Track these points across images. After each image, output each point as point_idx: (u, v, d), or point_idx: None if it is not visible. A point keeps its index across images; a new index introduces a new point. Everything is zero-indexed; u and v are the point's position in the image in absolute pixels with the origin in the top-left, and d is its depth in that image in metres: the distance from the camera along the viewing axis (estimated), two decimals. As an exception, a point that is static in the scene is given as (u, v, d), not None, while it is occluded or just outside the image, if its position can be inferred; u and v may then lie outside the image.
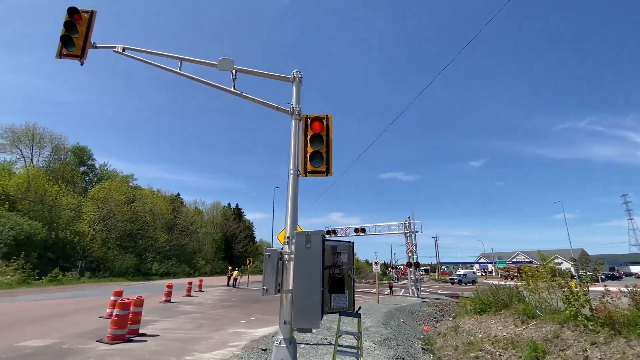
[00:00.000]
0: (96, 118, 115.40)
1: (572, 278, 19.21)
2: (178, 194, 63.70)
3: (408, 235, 30.12)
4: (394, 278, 60.94)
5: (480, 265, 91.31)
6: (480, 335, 12.04)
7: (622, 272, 71.77)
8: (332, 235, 32.69)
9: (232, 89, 6.30)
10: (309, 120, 6.20)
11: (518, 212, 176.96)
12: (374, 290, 25.41)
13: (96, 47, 6.90)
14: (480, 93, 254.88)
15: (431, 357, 11.00)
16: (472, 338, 12.02)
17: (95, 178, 48.37)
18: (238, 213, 76.41)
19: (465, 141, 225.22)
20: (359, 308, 5.60)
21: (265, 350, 7.52)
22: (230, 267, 33.60)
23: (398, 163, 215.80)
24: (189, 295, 19.79)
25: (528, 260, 73.65)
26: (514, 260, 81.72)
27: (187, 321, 11.27)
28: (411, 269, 29.50)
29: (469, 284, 50.69)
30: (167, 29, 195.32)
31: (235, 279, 29.68)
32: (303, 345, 8.12)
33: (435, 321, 19.03)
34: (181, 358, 6.78)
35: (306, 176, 6.10)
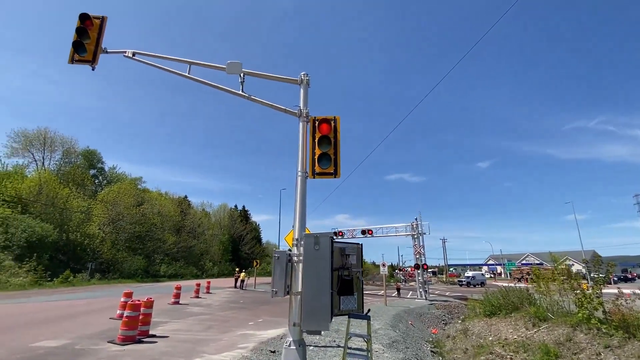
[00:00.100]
0: (105, 122, 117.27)
1: (584, 280, 18.86)
2: (185, 196, 64.38)
3: (415, 237, 29.92)
4: (402, 280, 60.53)
5: (488, 267, 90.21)
6: (490, 338, 11.88)
7: (635, 274, 70.11)
8: (339, 237, 32.63)
9: (241, 92, 6.34)
10: (317, 122, 6.21)
11: (527, 214, 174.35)
12: (382, 292, 25.28)
13: (107, 52, 7.02)
14: (486, 93, 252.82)
15: (440, 360, 10.89)
16: (482, 341, 11.87)
17: (104, 181, 49.04)
18: (245, 215, 76.77)
19: (471, 142, 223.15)
20: (369, 310, 5.59)
21: (274, 352, 7.53)
22: (237, 269, 33.73)
23: (404, 164, 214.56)
24: (197, 297, 19.91)
25: (538, 262, 72.49)
26: (524, 262, 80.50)
27: (196, 323, 11.34)
28: (419, 271, 29.29)
29: (478, 286, 50.12)
30: (167, 33, 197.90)
31: (242, 281, 29.78)
32: (312, 347, 8.11)
33: (443, 324, 18.85)
34: (191, 359, 6.83)
35: (314, 178, 6.11)
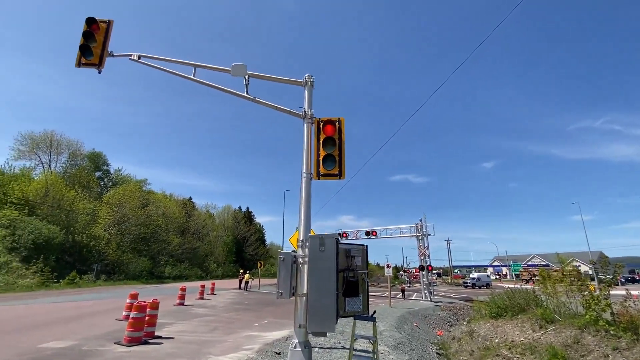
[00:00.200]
0: (110, 124, 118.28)
1: (591, 281, 18.66)
2: (190, 198, 64.60)
3: (420, 238, 29.79)
4: (406, 281, 60.30)
5: (494, 268, 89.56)
6: (496, 340, 11.78)
7: (643, 275, 69.20)
8: (343, 238, 32.59)
9: (246, 94, 6.37)
10: (322, 123, 6.22)
11: (533, 214, 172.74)
12: (386, 293, 25.18)
13: (113, 56, 7.09)
14: (489, 93, 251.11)
15: (446, 362, 10.81)
16: (489, 343, 11.77)
17: (110, 183, 49.43)
18: (249, 216, 76.92)
19: (475, 142, 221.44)
20: (374, 312, 5.57)
21: (279, 354, 7.52)
22: (241, 270, 33.82)
23: (408, 165, 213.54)
24: (202, 298, 19.98)
25: (544, 263, 71.81)
26: (530, 263, 79.83)
27: (201, 324, 11.38)
28: (424, 273, 29.14)
29: (483, 288, 49.75)
30: (169, 35, 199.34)
31: (246, 282, 29.84)
32: (317, 349, 8.10)
33: (449, 325, 18.73)
34: (196, 361, 6.84)
35: (319, 179, 6.11)
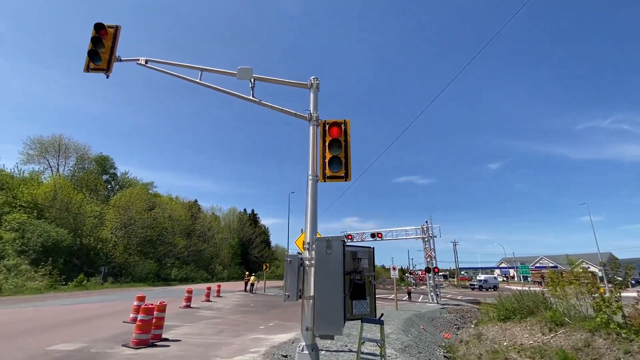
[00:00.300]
0: (116, 127, 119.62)
1: (601, 283, 18.36)
2: (196, 200, 64.92)
3: (426, 240, 29.61)
4: (412, 284, 59.92)
5: (501, 270, 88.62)
6: (505, 343, 11.64)
7: (655, 277, 67.92)
8: (348, 240, 32.51)
9: (251, 97, 6.41)
10: (327, 125, 6.22)
11: (540, 215, 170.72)
12: (392, 296, 25.04)
13: (121, 61, 7.18)
14: (495, 93, 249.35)
15: (454, 366, 10.70)
16: (497, 346, 11.63)
17: (117, 186, 49.91)
18: (254, 218, 77.12)
19: (480, 143, 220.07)
20: (382, 315, 5.53)
21: (286, 357, 7.50)
22: (247, 273, 33.88)
23: (413, 166, 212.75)
24: (208, 300, 20.04)
25: (552, 265, 70.89)
26: (538, 265, 78.89)
27: (208, 326, 11.41)
28: (430, 275, 28.94)
29: (490, 290, 49.28)
30: (171, 38, 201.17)
31: (252, 284, 29.88)
32: (323, 352, 8.06)
33: (456, 328, 18.56)
34: (203, 363, 6.85)
35: (325, 182, 6.11)
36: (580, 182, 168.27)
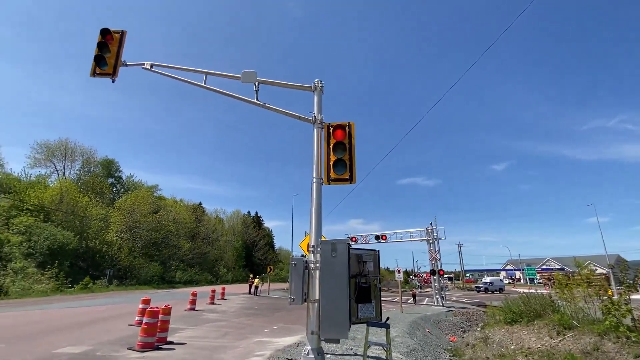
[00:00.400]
0: (123, 131, 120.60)
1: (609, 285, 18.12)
2: (200, 203, 65.23)
3: (431, 242, 29.43)
4: (417, 286, 59.54)
5: (507, 272, 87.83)
6: (512, 346, 11.50)
7: (664, 280, 66.86)
8: (352, 242, 32.39)
9: (256, 100, 6.43)
10: (331, 128, 6.22)
11: (546, 217, 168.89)
12: (397, 298, 24.89)
13: (126, 65, 7.24)
14: (499, 93, 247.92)
15: (460, 369, 10.59)
16: (504, 350, 11.50)
17: (122, 189, 50.31)
18: (257, 221, 77.28)
19: (485, 143, 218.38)
20: (387, 318, 5.49)
21: (290, 360, 7.47)
22: (251, 275, 33.88)
23: (416, 168, 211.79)
24: (213, 303, 20.07)
25: (559, 267, 70.15)
26: (544, 267, 78.06)
27: (213, 329, 11.41)
28: (435, 277, 28.74)
29: (496, 292, 48.83)
30: (172, 41, 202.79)
31: (256, 287, 29.87)
32: (329, 355, 8.02)
33: (462, 331, 18.38)
34: (209, 367, 6.84)
35: (329, 184, 6.10)
36: (586, 183, 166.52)
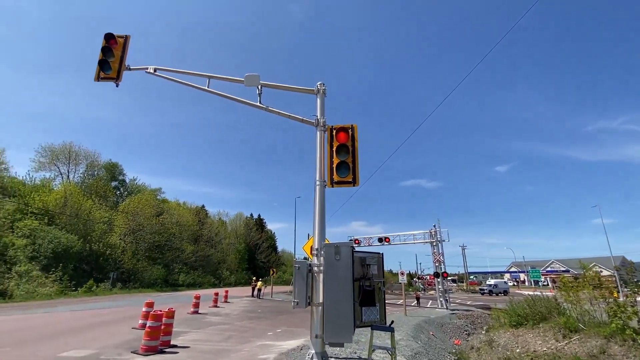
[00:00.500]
0: (127, 135, 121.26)
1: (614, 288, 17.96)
2: (203, 206, 65.35)
3: (434, 244, 29.29)
4: (421, 289, 59.24)
5: (511, 274, 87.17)
6: (517, 350, 11.39)
7: (671, 282, 66.05)
8: (355, 245, 32.31)
9: (259, 104, 6.45)
10: (334, 131, 6.22)
11: (550, 218, 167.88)
12: (400, 301, 24.76)
13: (130, 69, 7.30)
14: (502, 94, 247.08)
15: (465, 373, 10.50)
16: (509, 353, 11.39)
17: (125, 192, 50.51)
18: (260, 223, 77.25)
19: (488, 145, 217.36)
20: (392, 322, 5.46)
21: (294, 363, 7.44)
22: (254, 278, 33.87)
23: (419, 169, 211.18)
24: (216, 306, 20.05)
25: (564, 269, 69.67)
26: (549, 269, 77.47)
27: (216, 333, 11.39)
28: (439, 279, 28.57)
29: (501, 295, 48.42)
30: (173, 44, 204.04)
31: (259, 290, 29.84)
32: (332, 359, 7.98)
33: (466, 334, 18.23)
34: (212, 370, 6.82)
35: (333, 187, 6.09)
36: (591, 184, 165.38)
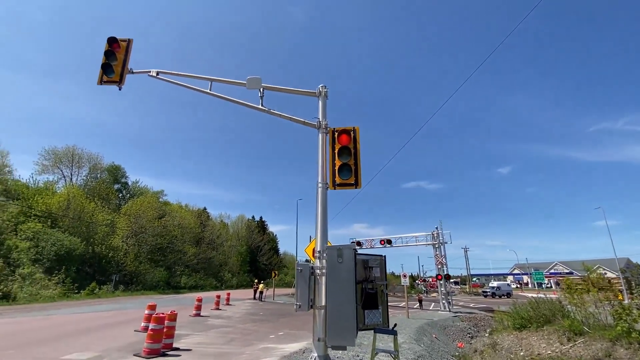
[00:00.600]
0: (129, 138, 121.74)
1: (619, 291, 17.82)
2: (205, 208, 65.35)
3: (437, 246, 29.20)
4: (423, 291, 59.01)
5: (514, 276, 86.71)
6: (521, 353, 11.30)
7: (676, 284, 65.53)
8: (357, 247, 32.24)
9: (261, 106, 6.45)
10: (336, 133, 6.21)
11: (553, 220, 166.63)
12: (403, 304, 24.67)
13: (133, 73, 7.32)
14: (504, 96, 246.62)
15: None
16: (513, 356, 11.30)
17: (128, 195, 50.62)
18: (262, 225, 77.17)
19: (490, 147, 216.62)
20: (395, 325, 5.43)
21: (297, 366, 7.41)
22: (256, 280, 33.83)
23: (421, 171, 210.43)
24: (218, 308, 20.03)
25: (567, 271, 69.24)
26: (552, 271, 77.00)
27: (218, 335, 11.37)
28: (441, 282, 28.46)
29: (504, 297, 48.18)
30: (171, 45, 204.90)
31: (261, 292, 29.79)
32: (335, 362, 7.95)
33: (469, 337, 18.13)
34: (214, 374, 6.81)
35: (335, 189, 6.08)
36: (594, 186, 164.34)
